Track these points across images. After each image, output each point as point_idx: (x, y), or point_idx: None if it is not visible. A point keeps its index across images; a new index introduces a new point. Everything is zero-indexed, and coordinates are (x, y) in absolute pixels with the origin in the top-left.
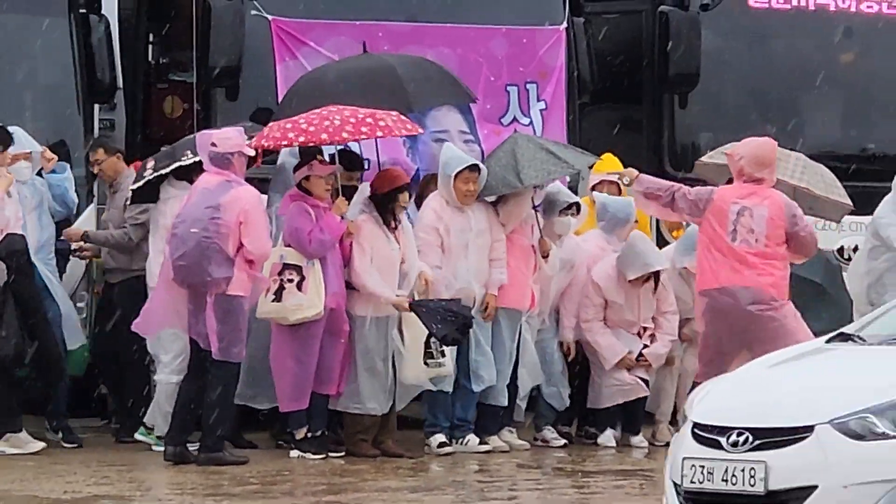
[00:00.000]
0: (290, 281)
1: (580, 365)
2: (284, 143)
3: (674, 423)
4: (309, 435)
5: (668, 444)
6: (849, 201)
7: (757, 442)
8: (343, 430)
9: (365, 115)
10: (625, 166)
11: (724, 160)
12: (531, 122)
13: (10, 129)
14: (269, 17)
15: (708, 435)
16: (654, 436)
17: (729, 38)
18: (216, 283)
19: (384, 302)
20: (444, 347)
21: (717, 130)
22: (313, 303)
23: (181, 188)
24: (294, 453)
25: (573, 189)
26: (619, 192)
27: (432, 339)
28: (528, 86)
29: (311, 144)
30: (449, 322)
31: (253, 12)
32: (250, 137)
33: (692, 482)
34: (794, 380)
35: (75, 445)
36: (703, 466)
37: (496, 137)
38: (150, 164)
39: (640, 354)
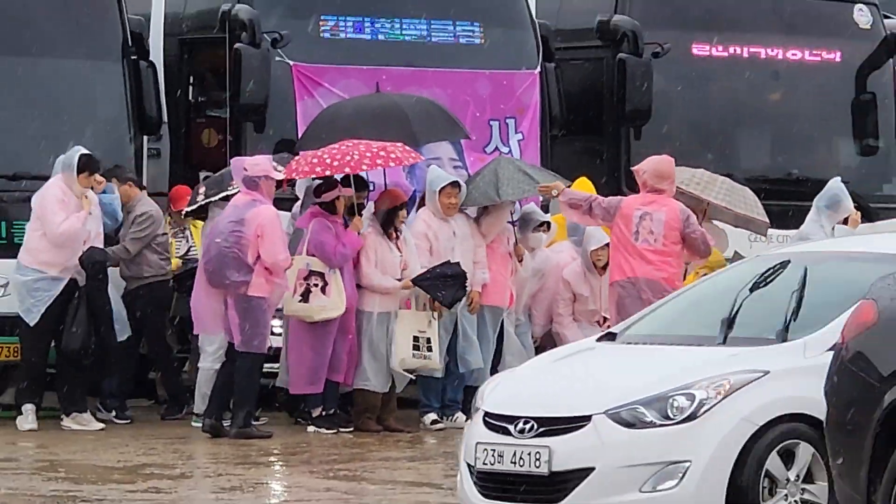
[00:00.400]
0: (316, 285)
1: None
2: (313, 175)
3: None
4: (323, 413)
5: None
6: (766, 219)
7: (541, 429)
8: (352, 409)
9: (378, 148)
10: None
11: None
12: (510, 151)
13: (79, 155)
14: (291, 63)
15: (498, 423)
16: None
17: (676, 80)
18: (235, 286)
19: (392, 290)
20: (431, 343)
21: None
22: (336, 304)
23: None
24: (311, 429)
25: (545, 208)
26: None
27: (420, 336)
28: (507, 120)
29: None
30: (449, 286)
31: (277, 58)
32: (281, 165)
33: (484, 464)
34: (573, 374)
35: (127, 422)
36: (494, 450)
37: (481, 164)
38: (202, 190)
39: None
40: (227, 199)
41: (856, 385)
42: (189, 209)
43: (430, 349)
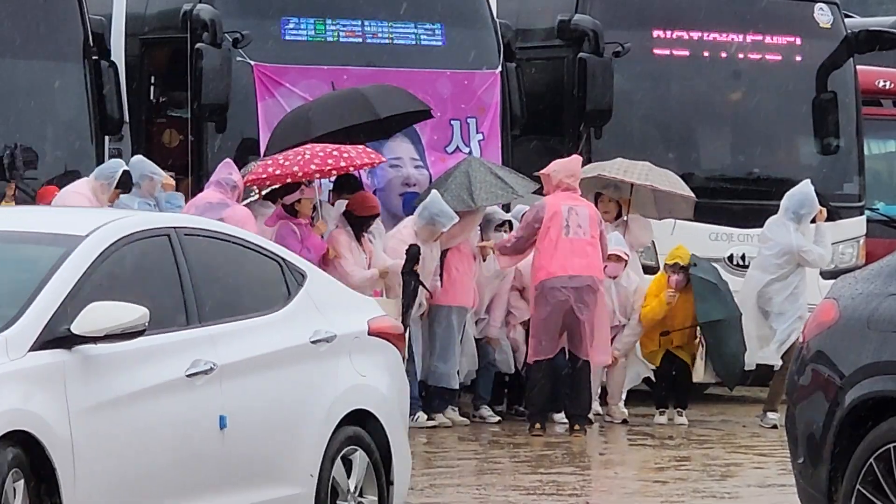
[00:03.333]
0: None
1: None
2: (269, 181)
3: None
4: None
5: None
6: (692, 194)
7: None
8: None
9: (334, 149)
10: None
11: (593, 173)
12: (471, 151)
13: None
14: (252, 63)
15: None
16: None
17: (637, 79)
18: None
19: (372, 279)
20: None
21: (626, 157)
22: None
23: (268, 207)
24: None
25: (506, 208)
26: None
27: None
28: (468, 120)
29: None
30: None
31: (238, 59)
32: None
33: None
34: None
35: None
36: None
37: (442, 164)
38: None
39: None
40: (270, 196)
41: (817, 384)
42: None
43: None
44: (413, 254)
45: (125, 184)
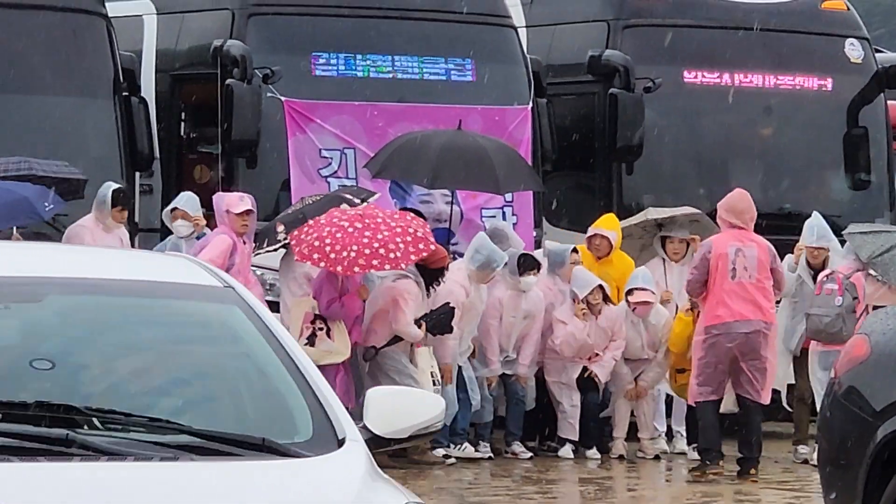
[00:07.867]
0: (321, 329)
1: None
2: (310, 262)
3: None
4: None
5: (620, 457)
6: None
7: None
8: None
9: (380, 245)
10: (583, 225)
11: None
12: None
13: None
14: (283, 99)
15: None
16: (609, 450)
17: (667, 115)
18: None
19: (417, 338)
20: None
21: (657, 193)
22: (340, 350)
23: None
24: None
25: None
26: (610, 247)
27: (433, 372)
28: None
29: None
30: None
31: (269, 94)
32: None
33: None
34: None
35: None
36: None
37: (472, 200)
38: (281, 227)
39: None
40: None
41: (849, 420)
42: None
43: (436, 382)
44: (449, 313)
45: (122, 201)
